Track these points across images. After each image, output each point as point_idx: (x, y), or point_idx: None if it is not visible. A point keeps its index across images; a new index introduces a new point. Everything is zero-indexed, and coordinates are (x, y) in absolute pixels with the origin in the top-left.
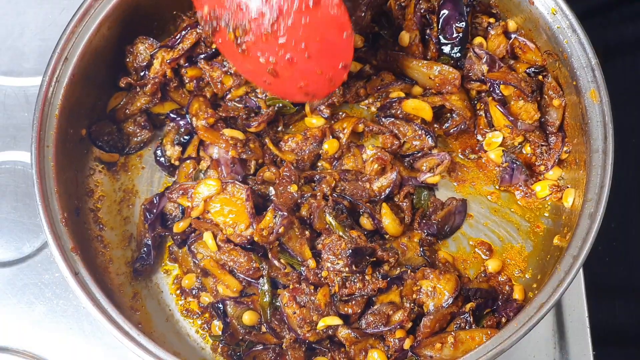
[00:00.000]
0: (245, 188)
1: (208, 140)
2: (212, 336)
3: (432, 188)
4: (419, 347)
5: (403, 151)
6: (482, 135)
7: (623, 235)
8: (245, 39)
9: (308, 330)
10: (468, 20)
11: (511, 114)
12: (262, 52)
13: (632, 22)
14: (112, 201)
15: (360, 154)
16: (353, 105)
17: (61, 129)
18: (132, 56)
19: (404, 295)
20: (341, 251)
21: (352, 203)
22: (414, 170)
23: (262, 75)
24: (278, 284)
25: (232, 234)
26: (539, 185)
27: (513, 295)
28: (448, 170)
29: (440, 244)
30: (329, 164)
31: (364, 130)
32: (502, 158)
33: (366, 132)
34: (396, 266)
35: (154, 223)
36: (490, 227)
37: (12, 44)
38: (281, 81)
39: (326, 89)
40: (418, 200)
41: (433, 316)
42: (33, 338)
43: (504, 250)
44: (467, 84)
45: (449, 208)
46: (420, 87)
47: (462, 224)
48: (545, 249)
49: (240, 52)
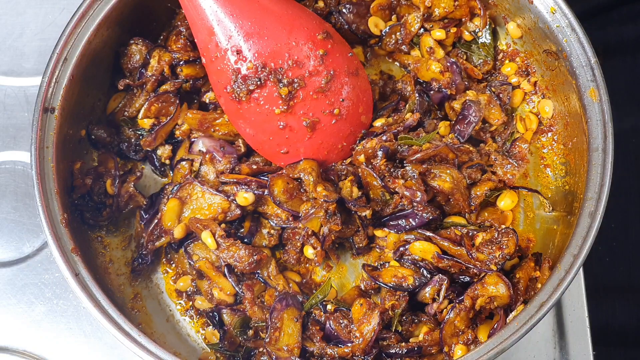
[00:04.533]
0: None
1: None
2: (210, 344)
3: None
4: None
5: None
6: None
7: (623, 235)
8: (298, 94)
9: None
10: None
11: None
12: (308, 109)
13: (632, 22)
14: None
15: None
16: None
17: (61, 129)
18: (126, 57)
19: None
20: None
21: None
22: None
23: (280, 139)
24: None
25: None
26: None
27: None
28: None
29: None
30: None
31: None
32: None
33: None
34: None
35: (149, 223)
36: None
37: (12, 44)
38: (307, 144)
39: (338, 158)
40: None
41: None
42: (33, 338)
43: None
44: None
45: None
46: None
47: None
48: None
49: (282, 110)
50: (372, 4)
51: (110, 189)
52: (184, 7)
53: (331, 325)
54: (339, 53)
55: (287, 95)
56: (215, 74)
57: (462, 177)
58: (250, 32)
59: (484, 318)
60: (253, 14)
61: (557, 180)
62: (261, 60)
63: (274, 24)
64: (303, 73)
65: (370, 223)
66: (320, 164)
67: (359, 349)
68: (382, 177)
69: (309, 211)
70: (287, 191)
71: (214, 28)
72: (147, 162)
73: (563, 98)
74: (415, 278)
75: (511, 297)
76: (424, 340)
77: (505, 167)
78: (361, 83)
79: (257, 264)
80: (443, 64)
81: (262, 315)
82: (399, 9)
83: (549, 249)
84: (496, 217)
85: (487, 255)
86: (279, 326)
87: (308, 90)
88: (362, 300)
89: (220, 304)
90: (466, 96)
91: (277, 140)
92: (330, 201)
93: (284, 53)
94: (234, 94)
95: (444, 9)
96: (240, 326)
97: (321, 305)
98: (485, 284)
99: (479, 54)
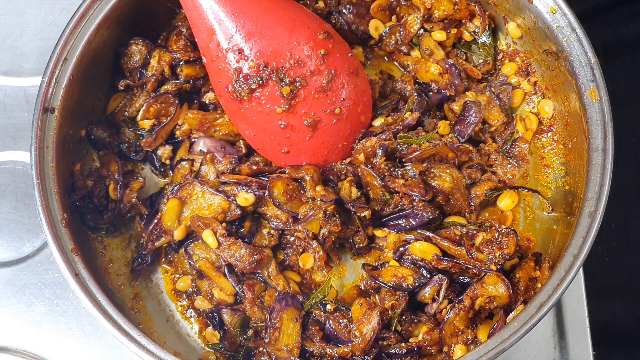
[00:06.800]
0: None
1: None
2: (210, 345)
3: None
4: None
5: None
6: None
7: (623, 235)
8: (300, 93)
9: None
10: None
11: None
12: (309, 108)
13: (632, 22)
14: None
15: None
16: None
17: (61, 129)
18: (126, 57)
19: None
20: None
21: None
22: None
23: (281, 138)
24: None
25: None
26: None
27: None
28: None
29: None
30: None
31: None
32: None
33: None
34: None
35: (149, 223)
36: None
37: (12, 44)
38: (308, 144)
39: (338, 158)
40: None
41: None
42: (33, 338)
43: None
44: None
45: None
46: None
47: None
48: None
49: (284, 109)
50: (372, 4)
51: (113, 194)
52: (185, 7)
53: (331, 325)
54: (340, 53)
55: (288, 95)
56: (216, 74)
57: (462, 176)
58: (252, 31)
59: (484, 318)
60: (254, 13)
61: (557, 180)
62: (263, 60)
63: (275, 24)
64: (304, 72)
65: (370, 223)
66: (321, 164)
67: (358, 348)
68: (382, 177)
69: (308, 213)
70: (286, 192)
71: (215, 28)
72: (147, 162)
73: (563, 98)
74: (415, 278)
75: (511, 297)
76: (424, 340)
77: (505, 167)
78: (361, 83)
79: (257, 264)
80: (442, 66)
81: (262, 316)
82: (399, 10)
83: (549, 249)
84: (496, 217)
85: (487, 255)
86: (279, 326)
87: (309, 89)
88: (362, 300)
89: (220, 304)
90: (465, 97)
91: (278, 140)
92: (327, 201)
93: (285, 52)
94: (235, 94)
95: (444, 11)
96: (240, 326)
97: (321, 305)
98: (485, 284)
99: (479, 54)
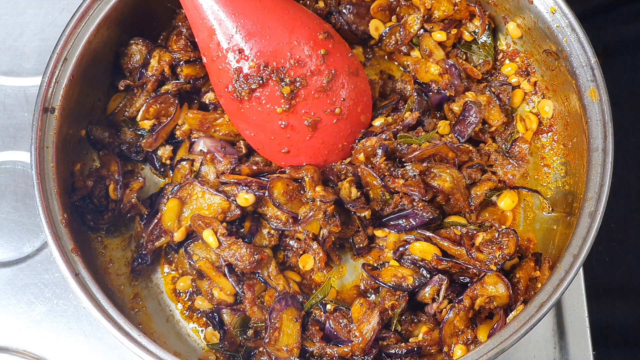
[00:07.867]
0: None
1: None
2: (210, 345)
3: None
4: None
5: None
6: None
7: (623, 235)
8: (300, 92)
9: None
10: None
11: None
12: (310, 108)
13: (632, 22)
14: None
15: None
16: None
17: (61, 129)
18: (126, 57)
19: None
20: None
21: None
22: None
23: (281, 138)
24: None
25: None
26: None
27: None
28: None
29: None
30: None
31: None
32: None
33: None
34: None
35: (149, 223)
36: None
37: (12, 44)
38: (308, 144)
39: (338, 158)
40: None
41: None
42: (33, 338)
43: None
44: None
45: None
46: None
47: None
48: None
49: (284, 109)
50: (372, 4)
51: (113, 194)
52: (185, 7)
53: (331, 325)
54: (340, 53)
55: (289, 94)
56: (216, 74)
57: (461, 176)
58: (252, 31)
59: (484, 318)
60: (254, 13)
61: (557, 180)
62: (263, 59)
63: (276, 24)
64: (305, 72)
65: (370, 223)
66: (321, 164)
67: (358, 348)
68: (382, 177)
69: (308, 214)
70: (286, 193)
71: (215, 28)
72: (147, 162)
73: (563, 98)
74: (415, 278)
75: (510, 297)
76: (424, 340)
77: (505, 167)
78: (361, 83)
79: (258, 264)
80: (442, 66)
81: (262, 316)
82: (399, 10)
83: (549, 249)
84: (496, 217)
85: (487, 255)
86: (279, 326)
87: (310, 89)
88: (362, 300)
89: (220, 304)
90: (465, 97)
91: (278, 140)
92: (327, 202)
93: (285, 52)
94: (235, 93)
95: (444, 11)
96: (240, 326)
97: (321, 305)
98: (485, 284)
99: (479, 54)
